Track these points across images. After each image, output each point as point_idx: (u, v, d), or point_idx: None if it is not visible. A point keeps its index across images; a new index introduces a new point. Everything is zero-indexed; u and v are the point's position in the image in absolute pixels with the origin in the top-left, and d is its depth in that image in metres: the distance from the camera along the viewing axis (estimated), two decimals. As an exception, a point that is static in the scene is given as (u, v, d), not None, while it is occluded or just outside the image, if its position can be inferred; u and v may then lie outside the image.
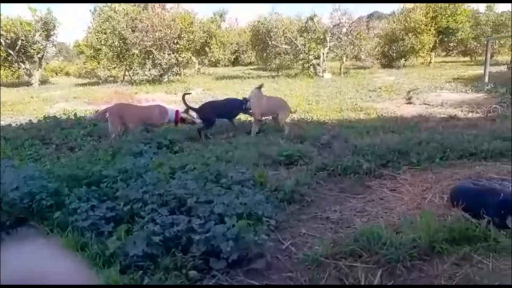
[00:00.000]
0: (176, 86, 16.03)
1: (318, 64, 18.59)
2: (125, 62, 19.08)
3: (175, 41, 17.52)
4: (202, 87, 15.13)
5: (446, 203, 3.25)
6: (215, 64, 27.15)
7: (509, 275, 2.26)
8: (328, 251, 2.52)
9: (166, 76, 18.16)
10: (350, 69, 21.34)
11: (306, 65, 18.94)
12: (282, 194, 3.53)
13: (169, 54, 17.54)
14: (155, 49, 17.34)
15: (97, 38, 18.88)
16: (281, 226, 3.05)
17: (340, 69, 19.75)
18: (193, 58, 21.07)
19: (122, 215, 2.82)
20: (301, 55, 18.67)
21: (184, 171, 3.58)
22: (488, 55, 13.65)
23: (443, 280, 2.19)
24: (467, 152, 4.47)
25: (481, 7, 29.23)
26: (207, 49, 22.34)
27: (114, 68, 20.16)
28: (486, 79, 12.42)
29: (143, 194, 3.02)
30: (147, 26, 16.98)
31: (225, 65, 29.27)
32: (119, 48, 18.23)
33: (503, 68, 17.18)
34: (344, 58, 20.03)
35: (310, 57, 18.50)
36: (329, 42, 18.65)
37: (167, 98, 12.49)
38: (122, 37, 17.67)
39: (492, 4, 28.70)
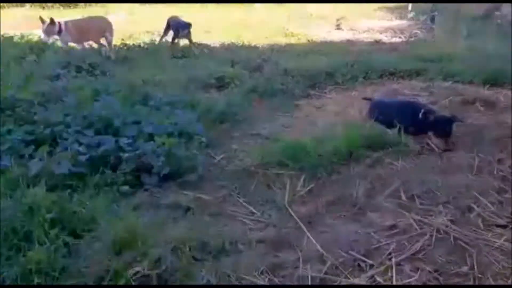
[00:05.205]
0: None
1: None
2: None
3: None
4: (125, 11, 13.75)
5: (365, 117, 3.52)
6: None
7: (412, 173, 2.59)
8: (257, 162, 2.66)
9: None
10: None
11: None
12: (214, 114, 3.56)
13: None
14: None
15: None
16: (212, 143, 3.11)
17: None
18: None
19: (43, 138, 2.66)
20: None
21: (108, 93, 3.41)
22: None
23: (358, 179, 2.45)
24: (387, 72, 4.78)
25: None
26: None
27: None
28: (410, 8, 12.93)
29: (64, 117, 2.86)
30: None
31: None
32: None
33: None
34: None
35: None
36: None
37: None
38: None
39: None
